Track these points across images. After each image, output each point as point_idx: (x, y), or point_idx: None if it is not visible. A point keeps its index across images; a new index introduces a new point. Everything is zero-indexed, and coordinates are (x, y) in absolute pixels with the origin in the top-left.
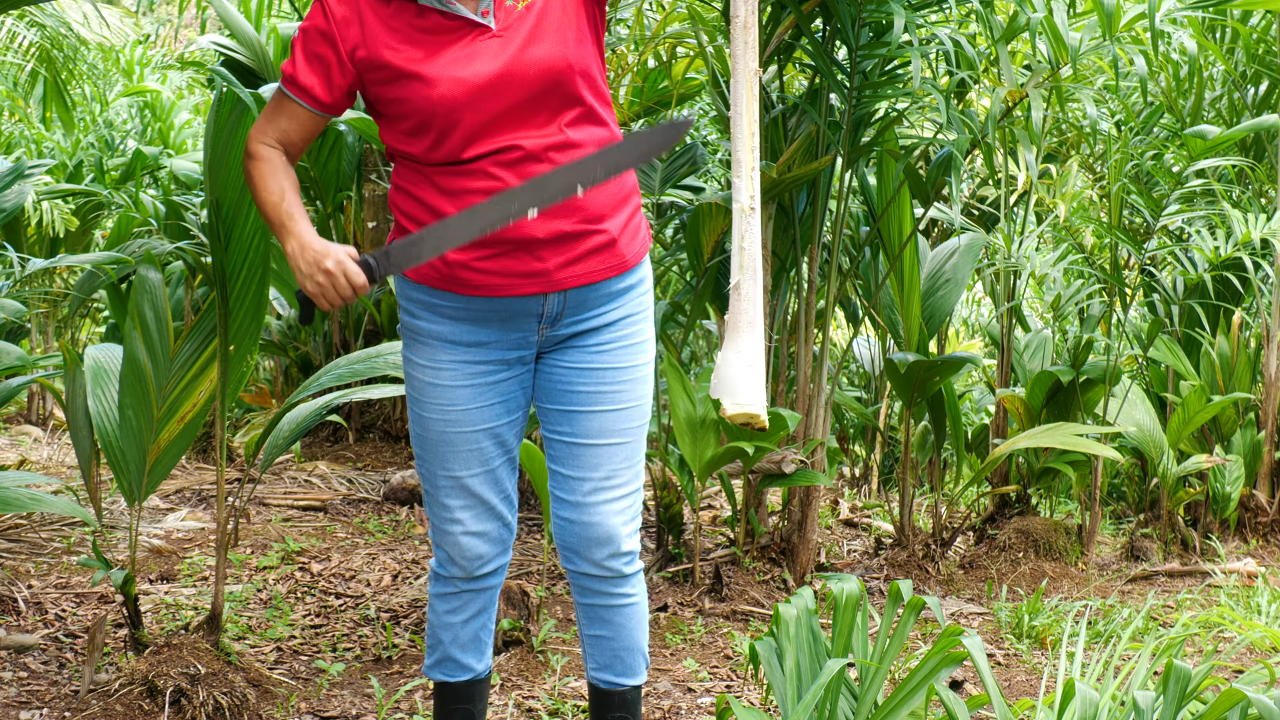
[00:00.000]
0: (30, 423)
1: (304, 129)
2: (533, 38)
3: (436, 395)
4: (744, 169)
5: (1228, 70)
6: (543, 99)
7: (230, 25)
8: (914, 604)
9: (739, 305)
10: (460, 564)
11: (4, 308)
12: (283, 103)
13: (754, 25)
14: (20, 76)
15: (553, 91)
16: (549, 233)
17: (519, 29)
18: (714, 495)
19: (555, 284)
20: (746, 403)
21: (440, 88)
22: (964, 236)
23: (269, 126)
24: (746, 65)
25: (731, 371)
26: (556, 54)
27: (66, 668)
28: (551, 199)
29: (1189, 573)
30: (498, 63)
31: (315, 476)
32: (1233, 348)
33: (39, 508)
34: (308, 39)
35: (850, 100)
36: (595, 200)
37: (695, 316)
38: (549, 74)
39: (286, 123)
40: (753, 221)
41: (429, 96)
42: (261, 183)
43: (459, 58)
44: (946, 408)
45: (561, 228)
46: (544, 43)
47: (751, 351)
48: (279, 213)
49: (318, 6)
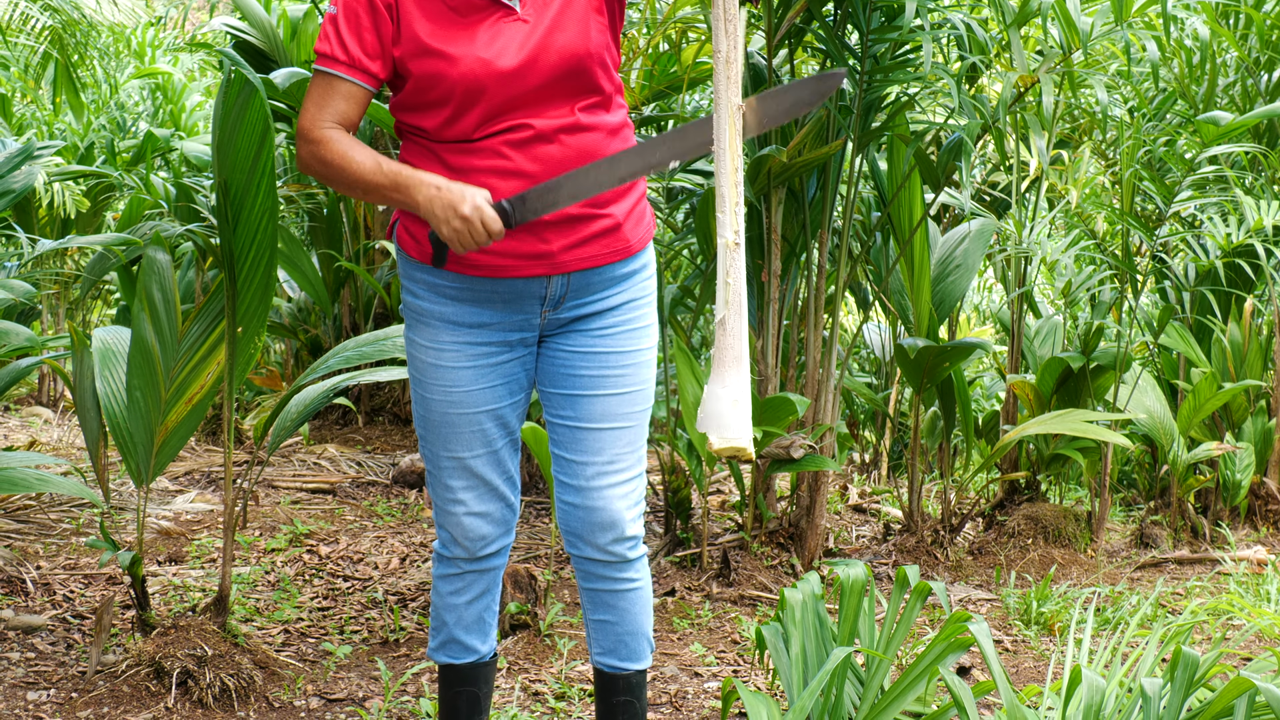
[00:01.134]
0: (41, 404)
1: (360, 107)
2: (557, 25)
3: (439, 376)
4: (728, 204)
5: (1241, 56)
6: (561, 85)
7: (242, 7)
8: (920, 589)
9: (724, 340)
10: (463, 544)
11: (13, 289)
12: (331, 84)
13: (737, 60)
14: (32, 59)
15: (572, 78)
16: (554, 215)
17: (544, 15)
18: (722, 480)
19: (559, 266)
20: (733, 437)
21: (462, 66)
22: (975, 222)
23: (323, 113)
24: (729, 101)
25: (718, 407)
26: (578, 42)
27: (74, 649)
28: (693, 151)
29: (1199, 560)
30: (522, 48)
31: (324, 459)
32: (1244, 335)
33: (46, 488)
34: (349, 10)
35: (861, 85)
36: None
37: (705, 300)
38: (570, 61)
39: (343, 104)
40: (737, 257)
41: (449, 75)
42: (345, 160)
43: (484, 39)
44: (956, 393)
45: (567, 210)
46: (566, 30)
47: (737, 387)
48: (383, 175)
49: None
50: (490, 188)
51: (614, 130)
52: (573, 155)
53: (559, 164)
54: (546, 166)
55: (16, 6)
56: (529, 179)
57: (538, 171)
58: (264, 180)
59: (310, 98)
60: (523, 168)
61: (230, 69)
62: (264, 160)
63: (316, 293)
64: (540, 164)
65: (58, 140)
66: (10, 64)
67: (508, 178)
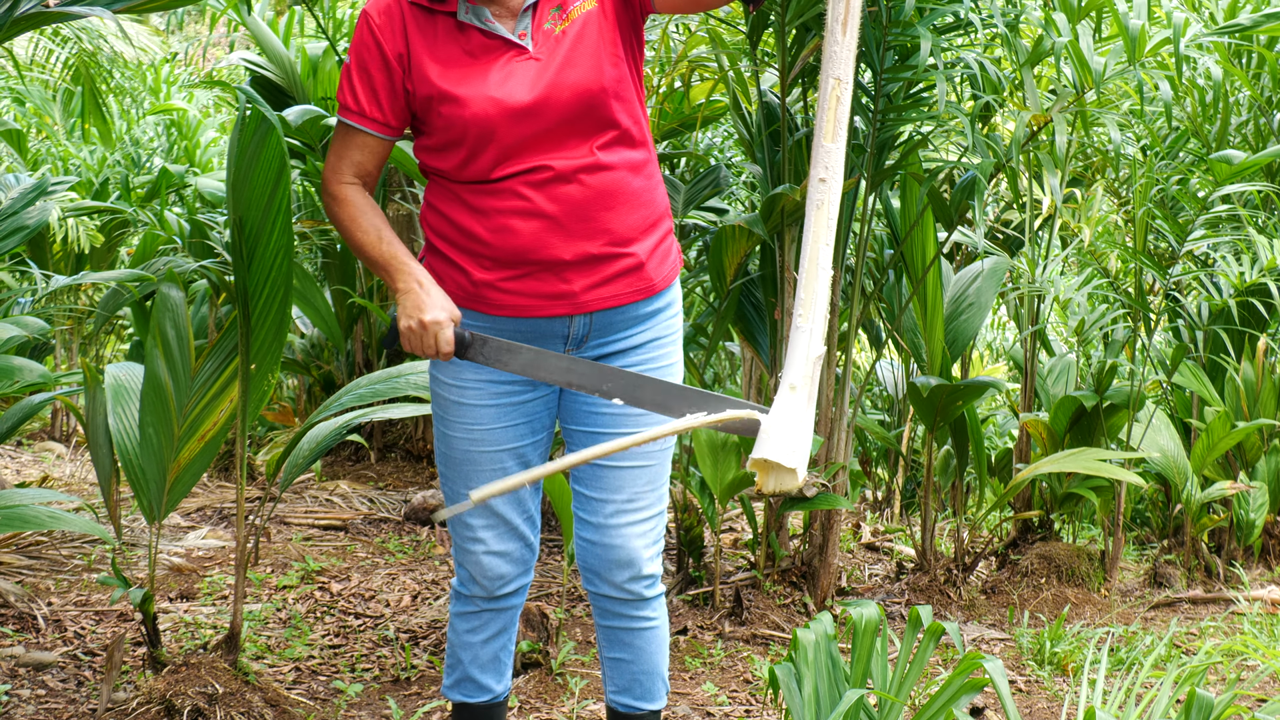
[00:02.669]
0: (54, 439)
1: (376, 156)
2: (568, 62)
3: (461, 414)
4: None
5: (1254, 96)
6: (576, 123)
7: (262, 43)
8: (933, 630)
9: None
10: (481, 583)
11: (27, 325)
12: (348, 135)
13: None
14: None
15: (586, 115)
16: (576, 254)
17: (556, 52)
18: (735, 518)
19: (581, 306)
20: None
21: (474, 106)
22: (988, 260)
23: (341, 164)
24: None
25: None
26: (591, 78)
27: (85, 686)
28: (639, 404)
29: (1212, 600)
30: (534, 88)
31: (336, 496)
32: (1258, 373)
33: (57, 525)
34: (358, 61)
35: (874, 123)
36: (624, 223)
37: (717, 339)
38: (583, 98)
39: (358, 154)
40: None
41: (461, 116)
42: (353, 224)
43: (496, 79)
44: (969, 432)
45: (588, 250)
46: (578, 67)
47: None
48: (379, 252)
49: (362, 23)
50: (511, 229)
51: (636, 167)
52: (593, 195)
53: (579, 204)
54: (566, 207)
55: (37, 44)
56: (550, 219)
57: (558, 212)
58: (279, 217)
59: (332, 147)
60: (542, 208)
61: (246, 105)
62: (280, 197)
63: (330, 329)
64: (560, 204)
65: (72, 176)
66: (26, 99)
67: (528, 218)
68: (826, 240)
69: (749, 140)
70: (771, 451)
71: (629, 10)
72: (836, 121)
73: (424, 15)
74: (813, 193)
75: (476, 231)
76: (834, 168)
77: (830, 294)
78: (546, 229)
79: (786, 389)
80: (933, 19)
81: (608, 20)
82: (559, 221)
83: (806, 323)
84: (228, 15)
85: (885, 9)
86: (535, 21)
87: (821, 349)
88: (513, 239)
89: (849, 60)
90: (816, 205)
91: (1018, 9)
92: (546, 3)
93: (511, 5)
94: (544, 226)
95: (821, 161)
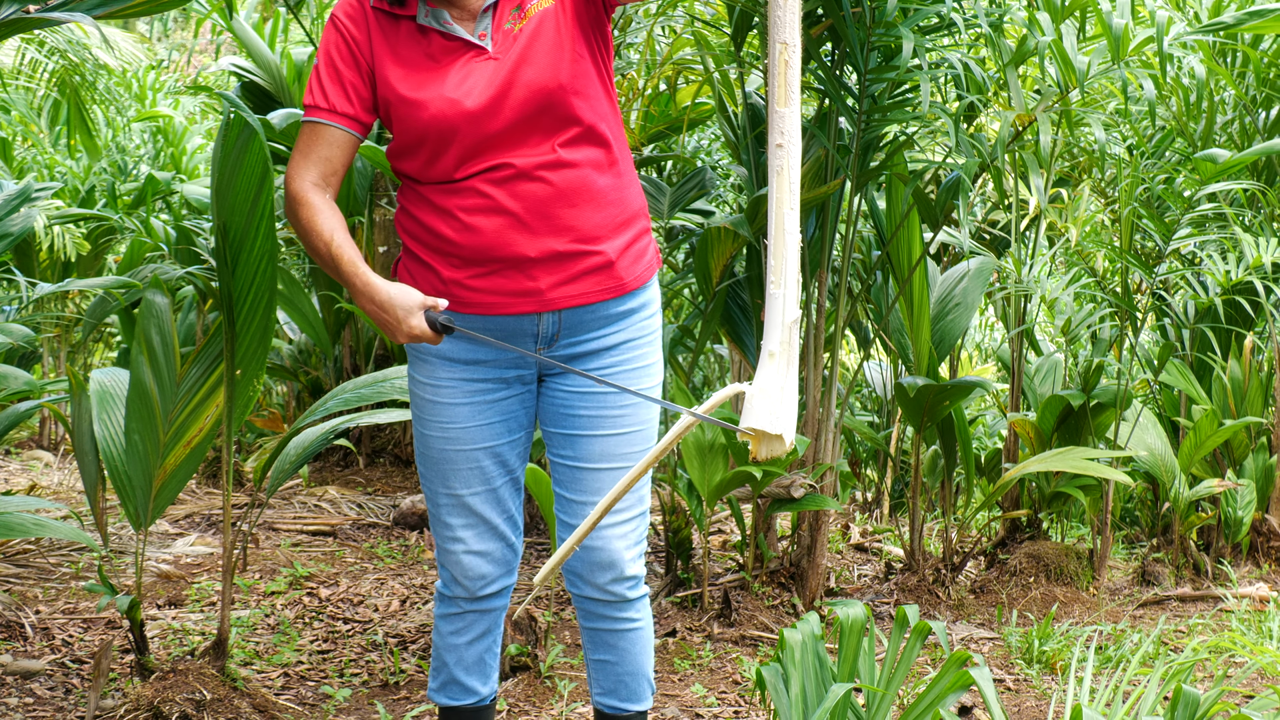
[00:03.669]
0: (42, 448)
1: (345, 152)
2: (524, 60)
3: (437, 413)
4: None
5: (1238, 95)
6: (536, 120)
7: (249, 48)
8: (920, 629)
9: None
10: (463, 584)
11: (13, 333)
12: (316, 131)
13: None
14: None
15: (545, 113)
16: (541, 252)
17: (512, 51)
18: (723, 520)
19: (548, 304)
20: (779, 428)
21: (432, 109)
22: (974, 260)
23: (307, 162)
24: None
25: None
26: (548, 76)
27: (73, 694)
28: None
29: (1201, 597)
30: (490, 87)
31: (325, 501)
32: (1244, 372)
33: (43, 533)
34: (327, 60)
35: (859, 124)
36: (590, 220)
37: (704, 340)
38: (540, 96)
39: (327, 150)
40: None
41: (420, 118)
42: (310, 227)
43: (454, 80)
44: (957, 432)
45: (554, 247)
46: (534, 64)
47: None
48: (330, 254)
49: (331, 25)
50: (475, 227)
51: (602, 165)
52: (556, 192)
53: (542, 201)
54: (528, 204)
55: (24, 55)
56: (512, 216)
57: (520, 209)
58: (263, 222)
59: (296, 148)
60: (505, 205)
61: (229, 111)
62: (263, 202)
63: (317, 334)
64: (522, 201)
65: (56, 183)
66: (12, 107)
67: (491, 215)
68: (791, 205)
69: (735, 142)
70: (757, 420)
71: (590, 6)
72: (788, 86)
73: (388, 20)
74: (772, 159)
75: (443, 231)
76: (790, 132)
77: (799, 258)
78: (509, 226)
79: (766, 356)
80: (916, 19)
81: (567, 17)
82: (521, 218)
83: (779, 289)
84: (213, 21)
85: (869, 9)
86: (495, 22)
87: (797, 313)
88: (477, 236)
89: (795, 25)
90: (777, 171)
91: (1002, 9)
92: (507, 3)
93: (471, 7)
94: (507, 223)
95: (777, 127)
